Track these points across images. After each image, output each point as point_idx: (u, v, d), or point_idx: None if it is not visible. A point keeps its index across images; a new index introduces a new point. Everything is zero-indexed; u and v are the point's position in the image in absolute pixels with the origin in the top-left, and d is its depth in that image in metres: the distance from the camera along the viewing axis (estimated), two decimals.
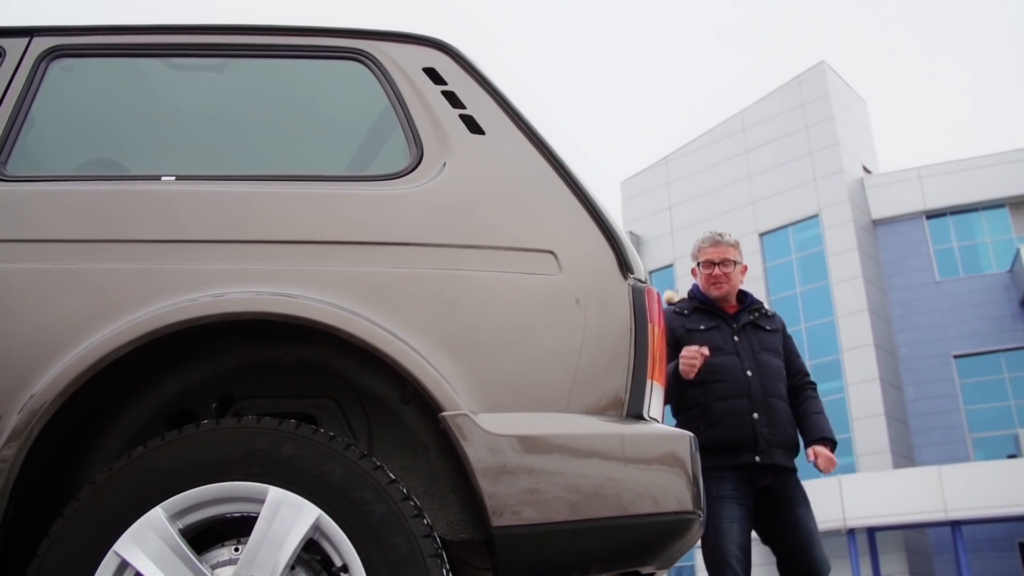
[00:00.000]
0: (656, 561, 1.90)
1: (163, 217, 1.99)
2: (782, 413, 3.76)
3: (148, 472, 1.73)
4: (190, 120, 2.42)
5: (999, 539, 24.42)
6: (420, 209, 2.05)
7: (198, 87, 2.41)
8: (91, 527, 1.69)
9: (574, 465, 1.82)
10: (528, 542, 1.77)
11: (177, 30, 2.33)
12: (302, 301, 1.85)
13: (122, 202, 2.02)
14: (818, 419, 3.90)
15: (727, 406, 3.69)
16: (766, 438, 3.66)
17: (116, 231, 1.97)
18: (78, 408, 1.86)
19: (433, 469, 2.06)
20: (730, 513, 3.58)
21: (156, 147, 2.41)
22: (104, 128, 2.45)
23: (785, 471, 3.72)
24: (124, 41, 2.32)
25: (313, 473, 1.73)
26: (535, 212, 2.10)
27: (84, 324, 1.83)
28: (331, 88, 2.44)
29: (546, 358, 1.93)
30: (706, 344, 3.75)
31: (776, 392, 3.78)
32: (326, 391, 2.13)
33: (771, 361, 3.85)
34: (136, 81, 2.41)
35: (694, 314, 3.94)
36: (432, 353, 1.85)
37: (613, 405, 1.94)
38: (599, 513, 1.80)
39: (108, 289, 1.88)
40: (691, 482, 1.90)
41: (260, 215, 2.02)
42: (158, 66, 2.38)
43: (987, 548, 24.26)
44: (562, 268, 2.01)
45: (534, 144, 2.18)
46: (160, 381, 2.05)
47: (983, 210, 28.42)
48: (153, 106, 2.45)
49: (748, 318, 3.94)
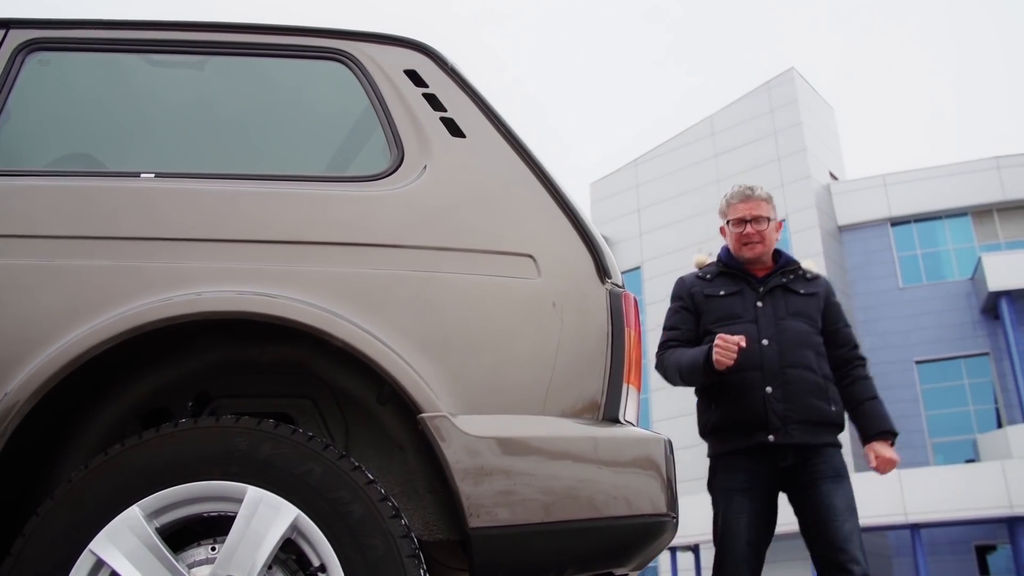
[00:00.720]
0: (630, 563, 1.92)
1: (143, 214, 1.98)
2: (805, 384, 3.32)
3: (125, 470, 1.72)
4: (169, 117, 2.40)
5: (957, 542, 24.79)
6: (401, 211, 2.06)
7: (178, 84, 2.40)
8: (66, 525, 1.68)
9: (550, 467, 1.84)
10: (504, 543, 1.79)
11: (157, 26, 2.32)
12: (284, 301, 1.85)
13: (100, 198, 2.01)
14: (872, 408, 3.47)
15: (737, 380, 3.32)
16: (781, 414, 3.26)
17: (94, 228, 1.96)
18: (53, 406, 1.85)
19: (409, 470, 2.07)
20: (738, 507, 3.27)
21: (134, 144, 2.40)
22: (81, 123, 2.43)
23: (812, 449, 3.31)
24: (103, 36, 2.30)
25: (292, 473, 1.73)
26: (515, 216, 2.11)
27: (61, 321, 1.82)
28: (311, 88, 2.44)
29: (524, 361, 1.95)
30: (724, 311, 3.45)
31: (798, 361, 3.34)
32: (303, 391, 2.13)
33: (795, 327, 3.41)
34: (114, 77, 2.40)
35: (718, 278, 3.56)
36: (411, 355, 1.86)
37: (590, 408, 1.96)
38: (575, 515, 1.82)
39: (86, 286, 1.87)
40: (665, 485, 1.92)
41: (241, 214, 2.01)
42: (137, 62, 2.37)
43: (945, 551, 24.62)
44: (541, 272, 2.03)
45: (514, 148, 2.20)
46: (136, 379, 2.04)
47: (946, 218, 28.80)
48: (131, 102, 2.43)
49: (779, 281, 3.51)
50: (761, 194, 3.57)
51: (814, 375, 3.35)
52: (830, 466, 3.30)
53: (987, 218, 28.27)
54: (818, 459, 3.29)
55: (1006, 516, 22.15)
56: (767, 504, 3.30)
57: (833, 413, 3.35)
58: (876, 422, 3.45)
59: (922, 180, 29.00)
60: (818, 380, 3.35)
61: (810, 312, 3.47)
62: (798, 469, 3.30)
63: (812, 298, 3.51)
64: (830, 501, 3.23)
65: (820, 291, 3.55)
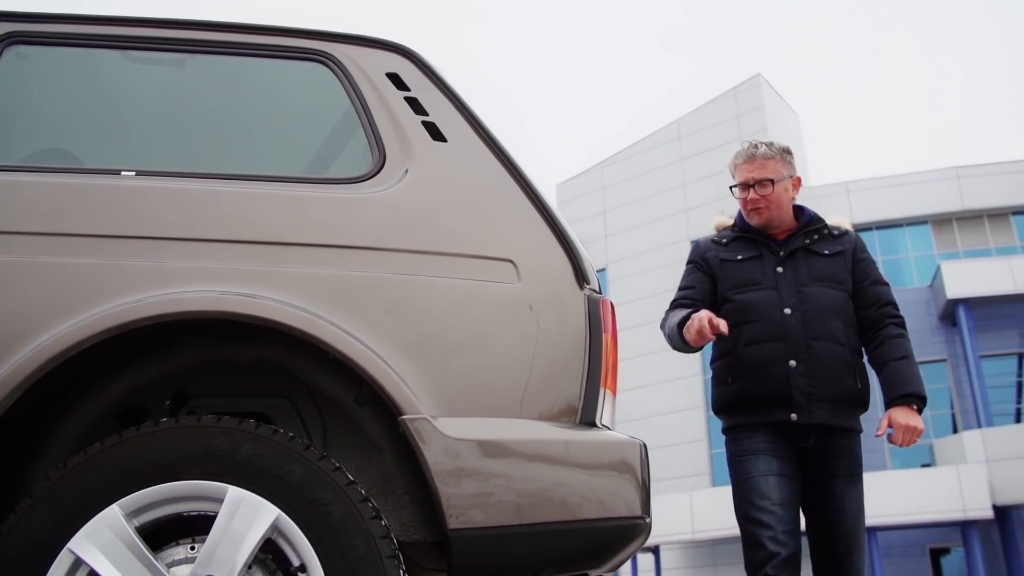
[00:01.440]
0: (606, 564, 1.95)
1: (124, 212, 1.98)
2: (832, 359, 2.97)
3: (105, 469, 1.72)
4: (151, 115, 2.39)
5: (912, 545, 25.17)
6: (383, 214, 2.07)
7: (159, 82, 2.39)
8: (45, 524, 1.67)
9: (529, 470, 1.87)
10: (483, 544, 1.81)
11: (138, 22, 2.31)
12: (267, 302, 1.86)
13: (81, 195, 2.00)
14: (898, 368, 3.02)
15: (758, 353, 3.01)
16: (805, 391, 2.93)
17: (75, 225, 1.95)
18: (30, 403, 1.84)
19: (387, 470, 2.08)
20: (764, 466, 2.93)
21: (114, 140, 2.39)
22: (60, 119, 2.41)
23: (835, 432, 2.99)
24: (83, 31, 2.29)
25: (273, 473, 1.74)
26: (495, 221, 2.14)
27: (42, 318, 1.81)
28: (292, 89, 2.45)
29: (503, 365, 1.97)
30: (741, 277, 3.13)
31: (825, 332, 3.00)
32: (281, 391, 2.14)
33: (822, 294, 3.05)
34: (95, 73, 2.39)
35: (734, 243, 3.24)
36: (392, 357, 1.88)
37: (567, 412, 1.99)
38: (552, 517, 1.85)
39: (66, 283, 1.86)
40: (640, 488, 1.96)
41: (223, 214, 2.01)
42: (118, 58, 2.36)
43: (900, 554, 25.00)
44: (521, 277, 2.05)
45: (494, 153, 2.22)
46: (113, 378, 2.04)
47: (907, 226, 29.24)
48: (111, 99, 2.42)
49: (801, 243, 3.16)
50: (767, 151, 3.19)
51: (842, 349, 3.01)
52: (848, 463, 3.00)
53: (947, 227, 28.75)
54: (838, 451, 2.99)
55: (960, 520, 22.58)
56: (793, 471, 2.98)
57: (859, 391, 3.02)
58: (898, 384, 3.01)
59: (884, 188, 29.42)
60: (846, 355, 3.01)
61: (837, 275, 3.11)
62: (816, 456, 3.00)
63: (838, 258, 3.15)
64: (841, 504, 2.97)
65: (847, 248, 3.18)
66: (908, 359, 3.04)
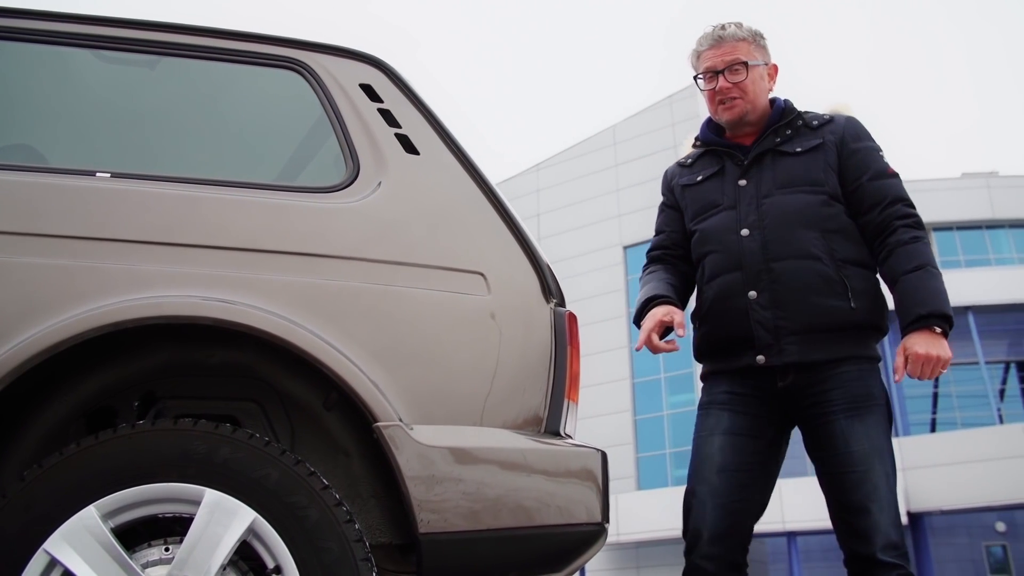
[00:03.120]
0: (566, 568, 2.03)
1: (101, 214, 1.97)
2: (803, 279, 2.44)
3: (82, 470, 1.73)
4: (123, 116, 2.40)
5: (829, 549, 25.85)
6: (357, 224, 2.11)
7: (132, 83, 2.40)
8: (20, 525, 1.68)
9: (496, 477, 1.93)
10: (452, 548, 1.87)
11: (109, 22, 2.29)
12: (250, 310, 1.88)
13: (56, 196, 2.00)
14: (912, 282, 2.41)
15: (716, 288, 2.58)
16: (770, 326, 2.45)
17: (50, 225, 1.94)
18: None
19: (353, 474, 2.13)
20: (712, 423, 2.52)
21: (84, 141, 2.38)
22: (23, 116, 2.40)
23: (819, 367, 2.44)
24: (52, 28, 2.27)
25: (249, 477, 1.78)
26: (467, 234, 2.20)
27: (16, 318, 1.81)
28: (265, 95, 2.47)
29: (473, 375, 2.03)
30: (701, 202, 2.68)
31: (790, 249, 2.47)
32: (249, 394, 2.16)
33: (786, 202, 2.52)
34: (62, 70, 2.38)
35: (699, 161, 2.76)
36: (367, 365, 1.93)
37: (533, 422, 2.06)
38: (518, 522, 1.92)
39: (42, 284, 1.86)
40: (600, 494, 2.04)
41: (200, 219, 2.03)
42: (87, 57, 2.35)
43: (818, 558, 25.70)
44: (491, 289, 2.12)
45: (465, 167, 2.28)
46: (82, 378, 2.04)
47: None
48: (78, 98, 2.41)
49: (770, 144, 2.62)
50: (736, 32, 2.66)
51: (817, 264, 2.46)
52: (847, 392, 2.42)
53: None
54: (831, 383, 2.43)
55: None
56: (755, 425, 2.50)
57: (853, 312, 2.44)
58: (913, 302, 2.40)
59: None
60: (823, 269, 2.45)
61: (812, 174, 2.55)
62: (803, 392, 2.47)
63: (815, 153, 2.58)
64: (844, 446, 2.39)
65: (829, 139, 2.59)
66: (925, 269, 2.42)
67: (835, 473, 2.42)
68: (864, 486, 2.36)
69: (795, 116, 2.66)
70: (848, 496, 2.38)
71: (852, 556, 2.40)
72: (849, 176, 2.56)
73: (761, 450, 2.50)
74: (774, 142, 2.62)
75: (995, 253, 29.24)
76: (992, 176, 30.89)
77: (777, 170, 2.58)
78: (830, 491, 2.46)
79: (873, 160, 2.57)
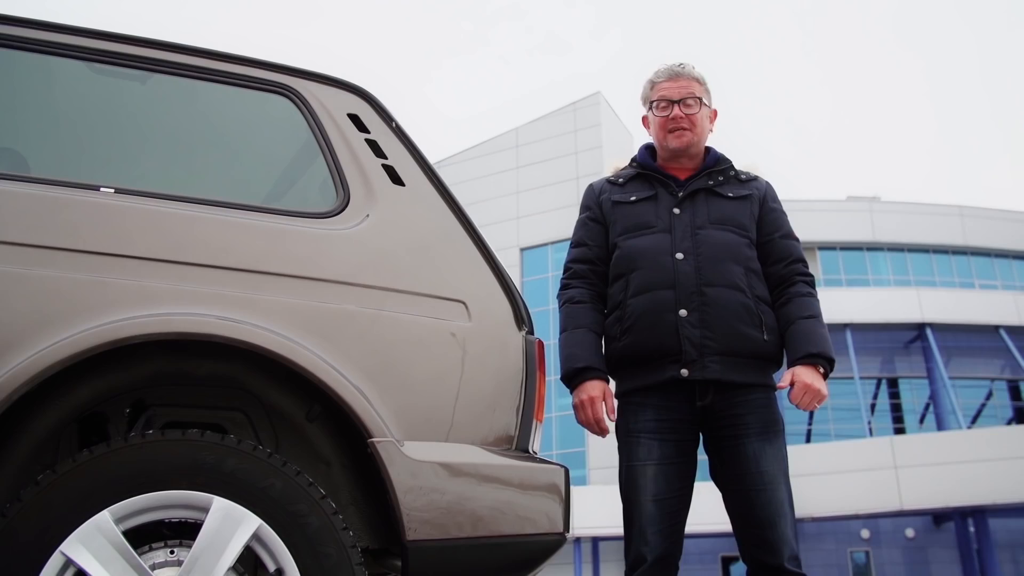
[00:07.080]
0: (530, 572, 2.24)
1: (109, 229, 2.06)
2: (729, 307, 2.71)
3: (97, 477, 1.83)
4: (126, 131, 2.47)
5: (705, 553, 26.90)
6: (351, 250, 2.25)
7: (125, 99, 2.46)
8: (37, 527, 1.77)
9: (476, 490, 2.12)
10: (435, 555, 2.05)
11: (104, 36, 2.34)
12: (256, 330, 2.01)
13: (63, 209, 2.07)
14: (804, 327, 2.76)
15: (646, 302, 2.75)
16: (696, 343, 2.67)
17: (59, 239, 2.01)
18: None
19: (333, 482, 2.27)
20: (645, 452, 2.70)
21: (63, 149, 2.43)
22: (11, 123, 2.43)
23: (735, 388, 2.70)
24: (46, 38, 2.31)
25: (256, 486, 1.91)
26: (449, 264, 2.37)
27: (28, 331, 1.88)
28: (253, 118, 2.57)
29: (455, 396, 2.21)
30: (632, 220, 2.88)
31: (721, 278, 2.73)
32: (236, 405, 2.28)
33: (718, 237, 2.80)
34: (53, 81, 2.43)
35: (631, 182, 2.97)
36: (362, 384, 2.08)
37: (506, 440, 2.26)
38: (495, 531, 2.12)
39: (54, 297, 1.94)
40: (564, 507, 2.25)
41: (203, 239, 2.13)
42: (80, 69, 2.40)
43: (694, 561, 26.66)
44: (471, 317, 2.30)
45: (445, 200, 2.44)
46: (76, 385, 2.12)
47: None
48: (68, 109, 2.47)
49: (703, 183, 2.90)
50: (692, 71, 2.94)
51: (741, 296, 2.74)
52: (759, 418, 2.70)
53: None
54: (745, 408, 2.71)
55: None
56: (680, 451, 2.72)
57: (766, 344, 2.74)
58: (804, 342, 2.74)
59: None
60: (746, 302, 2.74)
61: (740, 219, 2.86)
62: (720, 415, 2.72)
63: (743, 202, 2.89)
64: (755, 466, 2.66)
65: (755, 194, 2.93)
66: (816, 319, 2.80)
67: (745, 490, 2.67)
68: (773, 503, 2.63)
69: (729, 166, 2.97)
70: (758, 512, 2.63)
71: (759, 567, 2.67)
72: (764, 230, 2.91)
73: (685, 474, 2.75)
74: (707, 183, 2.90)
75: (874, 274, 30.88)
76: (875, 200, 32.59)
77: (711, 208, 2.86)
78: (739, 508, 2.70)
79: (784, 222, 2.96)
